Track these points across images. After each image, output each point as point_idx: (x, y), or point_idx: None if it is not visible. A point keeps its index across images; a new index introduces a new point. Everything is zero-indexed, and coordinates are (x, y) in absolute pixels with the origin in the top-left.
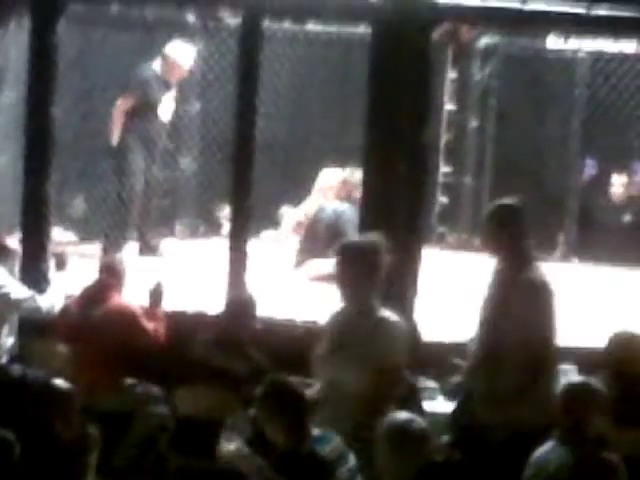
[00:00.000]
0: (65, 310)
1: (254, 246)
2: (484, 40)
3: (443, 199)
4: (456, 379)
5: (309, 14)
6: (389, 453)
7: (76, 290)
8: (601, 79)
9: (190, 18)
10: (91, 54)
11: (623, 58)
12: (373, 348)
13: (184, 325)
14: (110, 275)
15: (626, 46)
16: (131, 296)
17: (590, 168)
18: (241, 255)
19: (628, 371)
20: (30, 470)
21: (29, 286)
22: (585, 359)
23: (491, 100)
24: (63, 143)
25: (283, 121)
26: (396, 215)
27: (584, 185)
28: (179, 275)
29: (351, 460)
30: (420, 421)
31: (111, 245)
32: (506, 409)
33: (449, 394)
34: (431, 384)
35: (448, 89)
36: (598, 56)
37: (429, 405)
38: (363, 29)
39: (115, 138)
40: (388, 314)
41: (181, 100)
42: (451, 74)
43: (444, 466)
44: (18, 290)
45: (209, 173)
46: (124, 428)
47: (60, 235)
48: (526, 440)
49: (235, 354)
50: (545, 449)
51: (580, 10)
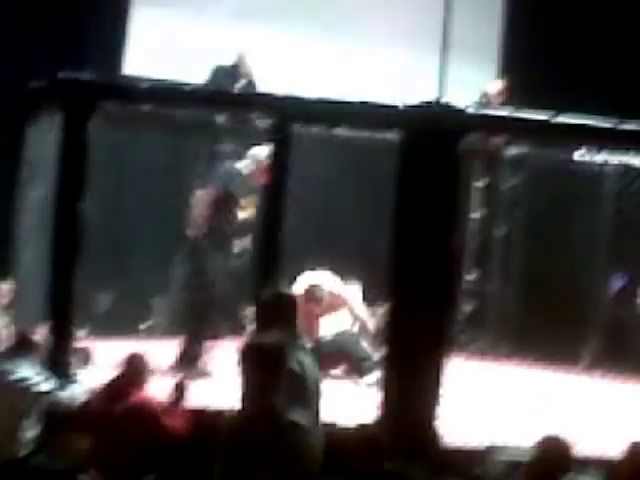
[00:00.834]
0: (88, 403)
1: None
2: (512, 149)
3: (468, 306)
4: None
5: (339, 120)
6: None
7: (99, 384)
8: (628, 192)
9: (219, 119)
10: (121, 152)
11: None
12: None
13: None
14: (133, 370)
15: None
16: (154, 392)
17: (617, 281)
18: None
19: None
20: None
21: (53, 380)
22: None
23: (518, 209)
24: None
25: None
26: (421, 322)
27: (611, 297)
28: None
29: None
30: None
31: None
32: None
33: None
34: None
35: (475, 197)
36: (626, 169)
37: None
38: (393, 135)
39: (194, 230)
40: (294, 418)
41: None
42: (478, 182)
43: None
44: (42, 383)
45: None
46: None
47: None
48: None
49: None
50: None
51: (609, 125)
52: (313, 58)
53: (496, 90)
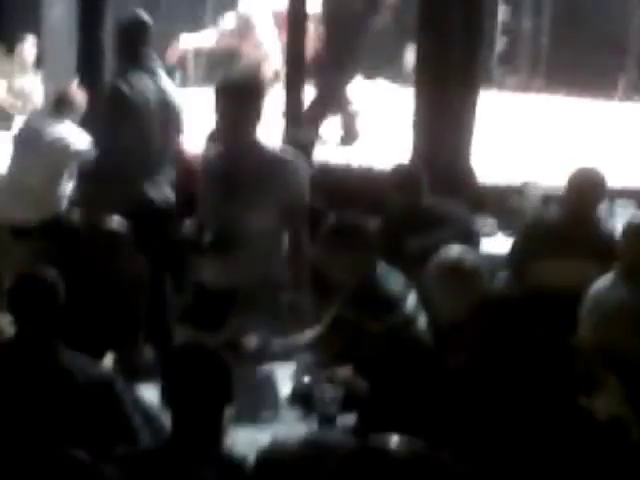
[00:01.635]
0: None
1: None
2: None
3: (502, 41)
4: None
5: None
6: (441, 289)
7: None
8: None
9: None
10: None
11: None
12: (273, 186)
13: None
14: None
15: None
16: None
17: None
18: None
19: None
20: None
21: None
22: None
23: None
24: None
25: None
26: (453, 57)
27: None
28: None
29: (412, 293)
30: (472, 257)
31: None
32: None
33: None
34: (489, 220)
35: None
36: None
37: (488, 242)
38: None
39: None
40: (280, 150)
41: None
42: None
43: (499, 302)
44: (79, 140)
45: None
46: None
47: None
48: None
49: None
50: (602, 286)
51: None
52: None
53: None
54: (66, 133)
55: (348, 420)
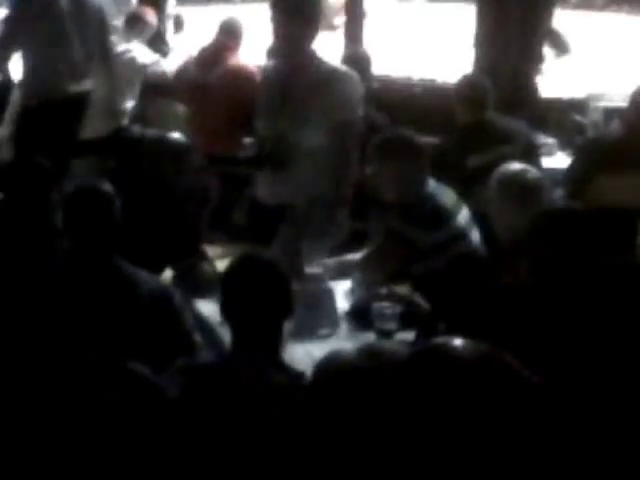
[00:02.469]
0: (183, 71)
1: None
2: None
3: None
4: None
5: None
6: (501, 203)
7: (195, 51)
8: None
9: None
10: None
11: None
12: (323, 100)
13: None
14: (228, 36)
15: None
16: (248, 56)
17: None
18: (358, 11)
19: None
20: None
21: (153, 51)
22: None
23: None
24: None
25: None
26: None
27: None
28: None
29: (464, 209)
30: (534, 171)
31: None
32: None
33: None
34: (549, 140)
35: None
36: None
37: (548, 161)
38: None
39: None
40: (334, 65)
41: None
42: None
43: (562, 213)
44: (144, 54)
45: None
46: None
47: None
48: None
49: None
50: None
51: None
52: None
53: None
54: (133, 49)
55: (407, 336)
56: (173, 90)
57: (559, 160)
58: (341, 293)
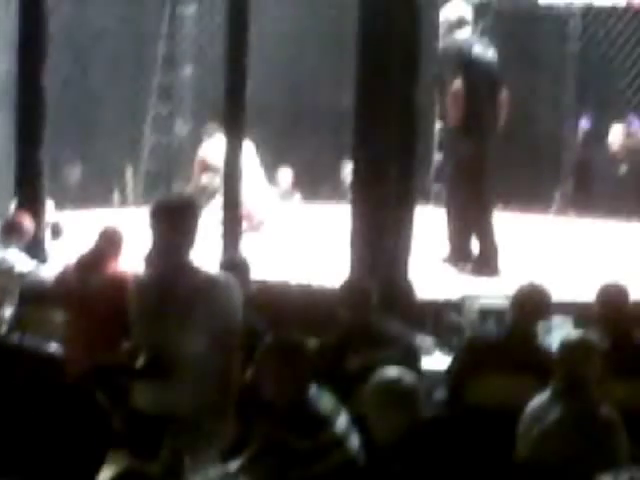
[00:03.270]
0: (62, 277)
1: None
2: None
3: (438, 156)
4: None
5: None
6: (377, 410)
7: (74, 257)
8: (592, 32)
9: None
10: (82, 22)
11: (611, 11)
12: (199, 312)
13: None
14: (107, 242)
15: None
16: (127, 263)
17: (585, 122)
18: (235, 217)
19: (617, 322)
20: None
21: (30, 260)
22: (580, 312)
23: None
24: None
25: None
26: (389, 173)
27: (580, 139)
28: None
29: (344, 414)
30: (409, 378)
31: None
32: None
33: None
34: (428, 340)
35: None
36: (588, 10)
37: (426, 361)
38: None
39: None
40: (212, 276)
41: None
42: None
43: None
44: (22, 262)
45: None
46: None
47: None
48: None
49: None
50: (540, 402)
51: None
52: None
53: None
54: (11, 258)
55: None
56: (52, 297)
57: (437, 360)
58: None
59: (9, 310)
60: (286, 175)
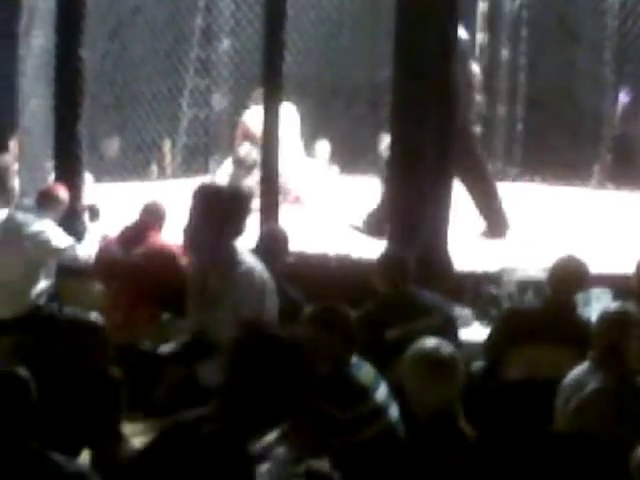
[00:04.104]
0: (104, 249)
1: None
2: None
3: (477, 130)
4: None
5: None
6: (416, 380)
7: (115, 231)
8: (631, 6)
9: None
10: None
11: None
12: (229, 299)
13: None
14: (151, 216)
15: None
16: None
17: (624, 96)
18: (273, 189)
19: None
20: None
21: (67, 235)
22: (619, 284)
23: (523, 30)
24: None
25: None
26: (426, 146)
27: (619, 113)
28: None
29: (383, 385)
30: (447, 347)
31: None
32: None
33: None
34: (466, 311)
35: (479, 20)
36: None
37: (464, 332)
38: None
39: None
40: (244, 261)
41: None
42: (482, 4)
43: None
44: (59, 238)
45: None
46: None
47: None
48: None
49: None
50: (578, 374)
51: None
52: None
53: None
54: (46, 229)
55: None
56: (92, 270)
57: (475, 331)
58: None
59: (45, 283)
60: (324, 148)
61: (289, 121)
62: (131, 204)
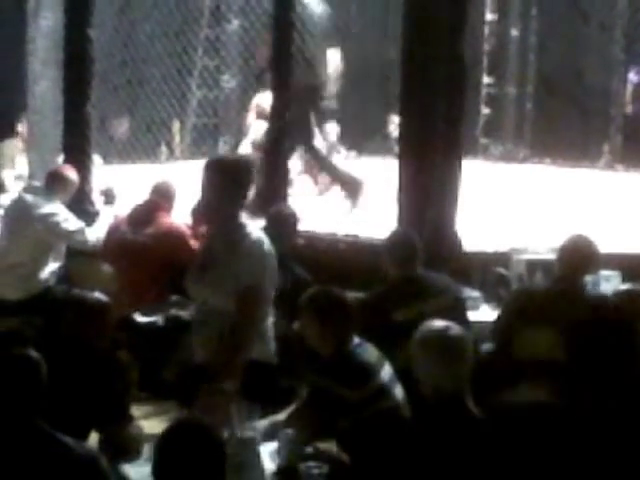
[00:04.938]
0: (114, 229)
1: None
2: None
3: (486, 111)
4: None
5: None
6: (424, 362)
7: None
8: None
9: None
10: None
11: None
12: (231, 267)
13: None
14: (161, 197)
15: None
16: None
17: (634, 76)
18: (282, 168)
19: None
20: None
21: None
22: (628, 265)
23: (532, 9)
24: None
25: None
26: (436, 127)
27: (628, 93)
28: None
29: (387, 366)
30: (457, 328)
31: None
32: None
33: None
34: (474, 293)
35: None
36: None
37: (473, 314)
38: None
39: None
40: (249, 232)
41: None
42: None
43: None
44: (69, 221)
45: (249, 91)
46: (173, 343)
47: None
48: None
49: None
50: None
51: None
52: None
53: None
54: (56, 212)
55: None
56: (101, 250)
57: (484, 313)
58: (267, 454)
59: (54, 265)
60: (332, 129)
61: None
62: (140, 185)
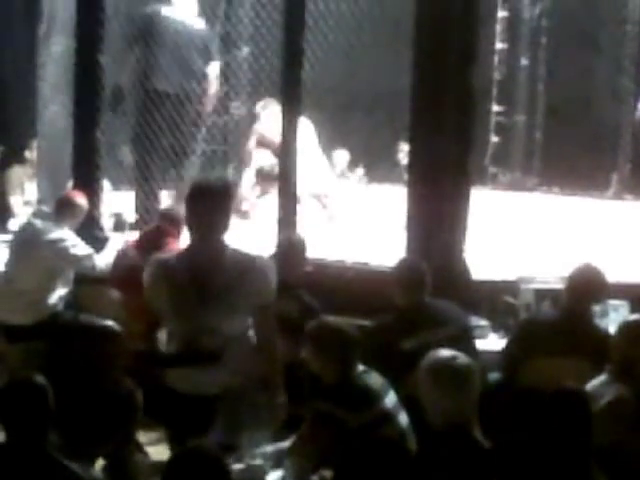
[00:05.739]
0: (122, 256)
1: None
2: None
3: (495, 139)
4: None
5: None
6: (431, 390)
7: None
8: None
9: None
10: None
11: None
12: (235, 290)
13: None
14: (169, 223)
15: None
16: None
17: None
18: (292, 197)
19: None
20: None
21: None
22: (636, 294)
23: (542, 38)
24: None
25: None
26: (445, 155)
27: (637, 122)
28: None
29: (391, 393)
30: (464, 357)
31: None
32: None
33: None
34: (482, 322)
35: (499, 28)
36: None
37: (481, 343)
38: None
39: None
40: (247, 253)
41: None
42: (501, 13)
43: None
44: (77, 247)
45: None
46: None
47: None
48: None
49: (285, 296)
50: (595, 385)
51: None
52: None
53: None
54: (64, 238)
55: None
56: (109, 276)
57: (492, 342)
58: None
59: (62, 291)
60: (342, 157)
61: (307, 133)
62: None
